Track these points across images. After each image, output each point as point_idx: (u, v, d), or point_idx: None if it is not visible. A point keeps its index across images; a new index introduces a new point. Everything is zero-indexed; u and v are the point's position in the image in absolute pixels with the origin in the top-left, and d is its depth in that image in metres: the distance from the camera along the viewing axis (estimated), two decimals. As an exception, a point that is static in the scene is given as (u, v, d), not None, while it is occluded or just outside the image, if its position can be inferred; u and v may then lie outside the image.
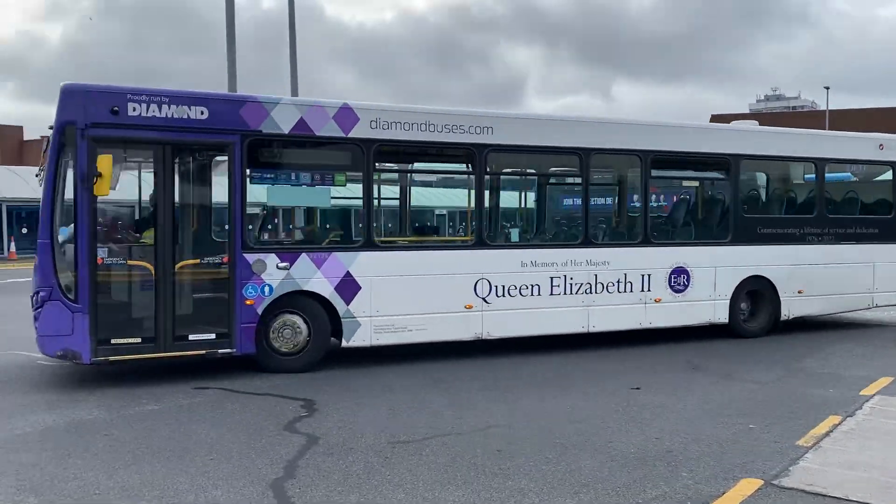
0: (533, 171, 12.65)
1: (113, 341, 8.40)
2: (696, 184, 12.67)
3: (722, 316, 11.64)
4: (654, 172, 11.34)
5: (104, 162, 8.13)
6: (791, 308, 12.17)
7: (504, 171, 11.72)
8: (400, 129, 9.62)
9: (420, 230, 11.99)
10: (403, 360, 9.75)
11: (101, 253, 8.43)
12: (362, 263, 9.45)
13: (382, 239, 10.04)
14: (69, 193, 8.40)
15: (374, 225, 9.74)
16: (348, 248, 9.59)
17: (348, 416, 7.21)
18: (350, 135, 9.38)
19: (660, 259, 11.17)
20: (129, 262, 8.73)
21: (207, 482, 5.43)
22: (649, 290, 11.07)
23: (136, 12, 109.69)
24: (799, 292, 12.17)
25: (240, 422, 7.06)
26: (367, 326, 9.49)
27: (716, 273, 11.53)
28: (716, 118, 22.13)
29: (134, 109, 8.41)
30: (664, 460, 5.94)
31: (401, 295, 9.62)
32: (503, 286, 10.17)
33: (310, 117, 9.20)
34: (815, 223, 12.33)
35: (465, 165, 10.16)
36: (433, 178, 11.13)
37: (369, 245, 9.56)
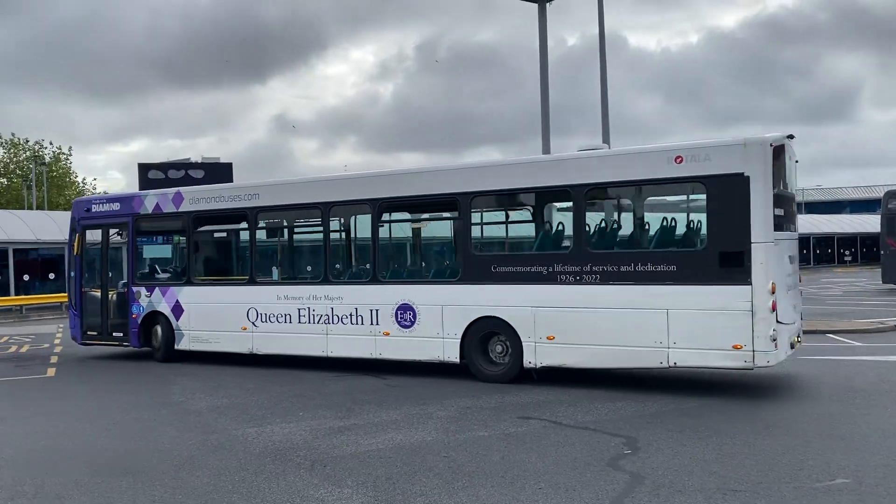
0: (288, 223, 14.44)
1: (89, 333, 15.64)
2: (424, 225, 12.25)
3: (451, 355, 11.53)
4: (386, 217, 12.27)
5: (78, 239, 15.53)
6: (538, 355, 10.85)
7: (269, 224, 14.08)
8: (205, 203, 14.07)
9: (223, 271, 15.27)
10: (731, 403, 9.49)
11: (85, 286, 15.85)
12: (185, 294, 14.26)
13: (197, 277, 14.40)
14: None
15: (193, 268, 14.34)
16: (178, 284, 14.50)
17: (673, 457, 6.94)
18: (179, 209, 14.37)
19: (385, 296, 12.09)
20: (92, 291, 15.76)
21: None
22: (378, 324, 12.16)
23: (451, 65, 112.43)
24: (549, 338, 10.78)
25: (564, 454, 7.13)
26: (187, 337, 14.21)
27: (443, 311, 11.57)
28: None
29: (95, 208, 15.52)
30: None
31: (204, 317, 14.00)
32: (266, 314, 13.31)
33: (161, 201, 14.61)
34: (571, 260, 10.61)
35: (244, 223, 13.72)
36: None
37: (189, 282, 14.26)
